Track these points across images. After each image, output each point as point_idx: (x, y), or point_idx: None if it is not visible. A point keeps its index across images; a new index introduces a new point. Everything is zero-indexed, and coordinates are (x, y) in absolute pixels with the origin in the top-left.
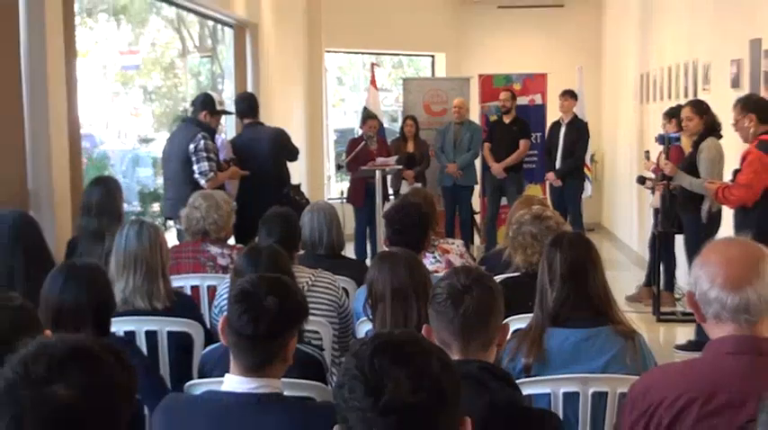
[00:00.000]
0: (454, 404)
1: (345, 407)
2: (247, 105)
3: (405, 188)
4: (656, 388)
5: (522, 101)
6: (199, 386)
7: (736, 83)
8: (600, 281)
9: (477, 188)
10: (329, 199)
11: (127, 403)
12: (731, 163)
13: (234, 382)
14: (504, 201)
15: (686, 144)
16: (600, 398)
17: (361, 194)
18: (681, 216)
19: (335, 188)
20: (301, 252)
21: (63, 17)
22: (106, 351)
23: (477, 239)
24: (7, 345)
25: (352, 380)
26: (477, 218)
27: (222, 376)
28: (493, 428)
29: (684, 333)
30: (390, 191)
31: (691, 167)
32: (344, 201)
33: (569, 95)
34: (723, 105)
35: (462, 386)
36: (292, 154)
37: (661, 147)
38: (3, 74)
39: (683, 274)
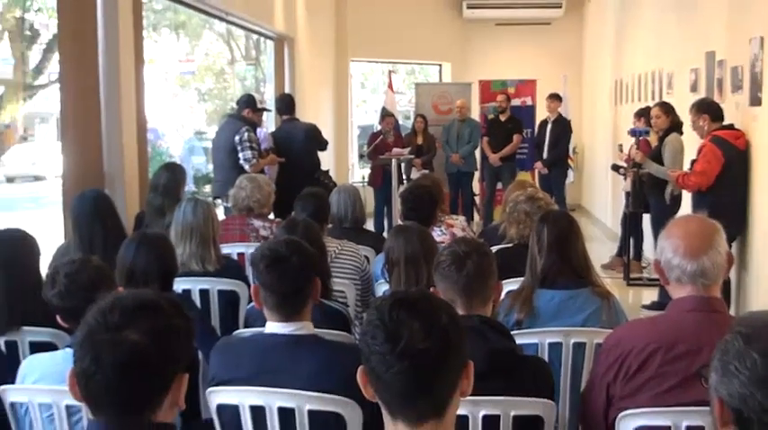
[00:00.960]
0: (459, 350)
1: (368, 351)
2: (285, 104)
3: (415, 174)
4: (626, 339)
5: (515, 102)
6: (245, 334)
7: (694, 88)
8: (580, 251)
9: (477, 174)
10: (353, 182)
11: (185, 347)
12: (690, 155)
13: (275, 327)
14: (499, 185)
15: (653, 138)
16: (579, 348)
17: (380, 178)
18: (648, 198)
19: (358, 173)
20: (330, 226)
21: (133, 32)
22: (169, 304)
23: (476, 217)
24: (88, 299)
25: (375, 329)
26: (477, 199)
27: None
28: (491, 372)
29: (649, 295)
30: (404, 176)
31: (657, 157)
32: (366, 184)
33: (555, 98)
34: (684, 107)
35: (466, 336)
36: (322, 145)
37: (632, 141)
38: (84, 79)
39: (649, 247)
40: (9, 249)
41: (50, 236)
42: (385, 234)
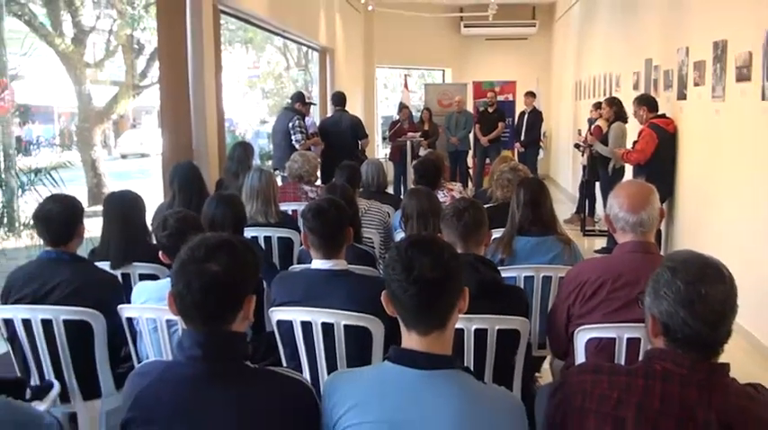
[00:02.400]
0: (458, 279)
1: (390, 279)
2: (338, 98)
3: (423, 152)
4: (583, 272)
5: (500, 98)
6: (297, 269)
7: (636, 86)
8: (549, 208)
9: (470, 152)
10: (378, 158)
11: (253, 276)
12: (632, 137)
13: (318, 264)
14: (487, 160)
15: (603, 125)
16: (547, 280)
17: (398, 155)
18: (598, 170)
19: (382, 151)
20: (361, 189)
21: (213, 46)
22: (241, 243)
23: (470, 184)
24: (182, 239)
25: (395, 262)
26: (470, 171)
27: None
28: (482, 296)
29: (600, 242)
30: (415, 153)
31: (605, 140)
32: (387, 159)
33: (530, 95)
34: (628, 101)
35: (463, 268)
36: (363, 134)
37: (588, 127)
38: (177, 81)
39: (600, 206)
40: (124, 206)
41: (153, 197)
42: (401, 196)
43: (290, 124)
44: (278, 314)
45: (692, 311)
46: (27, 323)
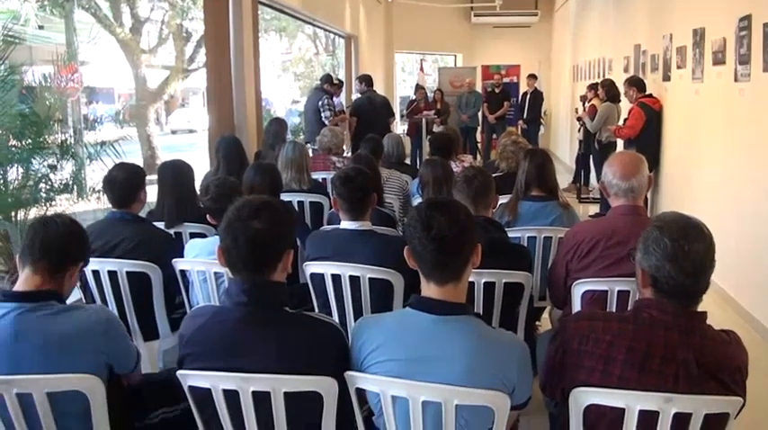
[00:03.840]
0: (471, 236)
1: (411, 236)
2: (367, 80)
3: (436, 128)
4: (579, 232)
5: (506, 80)
6: (327, 229)
7: (626, 69)
8: (552, 174)
9: (479, 128)
10: (397, 133)
11: (290, 233)
12: (623, 115)
13: (346, 224)
14: (494, 136)
15: (597, 104)
16: (547, 240)
17: (414, 131)
18: (592, 144)
19: (400, 127)
20: (382, 160)
21: (252, 34)
22: (280, 204)
23: (478, 157)
24: (228, 203)
25: (416, 221)
26: (479, 145)
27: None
28: (490, 253)
29: (594, 208)
30: (429, 129)
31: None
32: (405, 134)
33: (532, 77)
34: (620, 82)
35: (476, 227)
36: (390, 112)
37: (582, 105)
38: (221, 65)
39: (593, 177)
40: (177, 173)
41: (199, 167)
42: (418, 167)
43: (320, 102)
44: (311, 268)
45: (676, 265)
46: (96, 274)
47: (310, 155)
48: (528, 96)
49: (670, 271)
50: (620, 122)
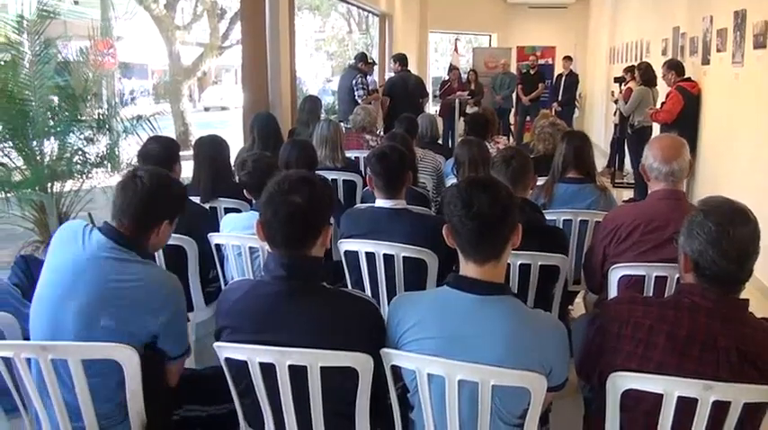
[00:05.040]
0: (513, 216)
1: (451, 214)
2: (401, 59)
3: (469, 109)
4: (618, 217)
5: (541, 61)
6: (362, 207)
7: (664, 52)
8: (590, 157)
9: (513, 110)
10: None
11: (329, 208)
12: (661, 98)
13: (381, 202)
14: (527, 118)
15: (633, 87)
16: (583, 224)
17: (447, 111)
18: (627, 128)
19: (432, 108)
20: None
21: (288, 11)
22: (318, 179)
23: (511, 139)
24: (264, 178)
25: (456, 199)
26: (512, 127)
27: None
28: (527, 235)
29: (627, 193)
30: (462, 110)
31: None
32: (438, 114)
33: (568, 59)
34: (657, 65)
35: (517, 206)
36: (423, 92)
37: (619, 87)
38: (256, 43)
39: (628, 161)
40: (213, 148)
41: (232, 144)
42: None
43: (354, 81)
44: (345, 245)
45: (720, 250)
46: None
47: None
48: (563, 78)
49: (713, 256)
50: (657, 106)
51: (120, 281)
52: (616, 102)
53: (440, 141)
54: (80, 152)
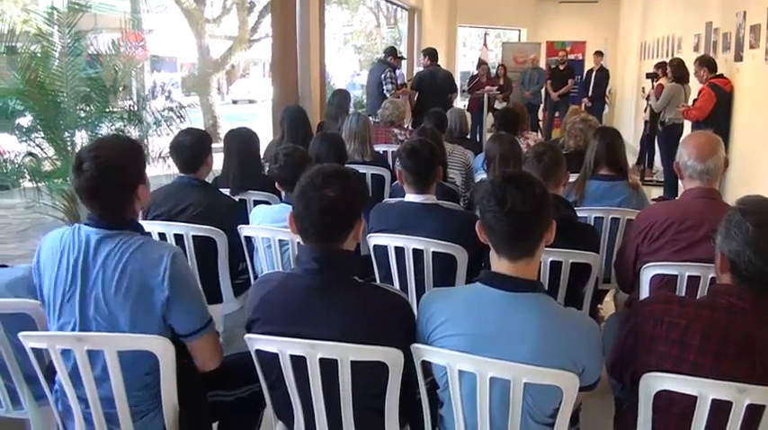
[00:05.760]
0: (546, 212)
1: (484, 210)
2: (431, 54)
3: (498, 104)
4: (651, 215)
5: (570, 57)
6: (391, 201)
7: (696, 48)
8: (622, 154)
9: (541, 106)
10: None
11: (362, 201)
12: (692, 95)
13: (411, 197)
14: (556, 114)
15: (665, 83)
16: (615, 221)
17: (475, 106)
18: (658, 125)
19: (460, 103)
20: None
21: (318, 5)
22: (351, 172)
23: (539, 135)
24: (295, 171)
25: (489, 195)
26: (540, 123)
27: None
28: (560, 231)
29: (657, 191)
30: (490, 105)
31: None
32: (466, 109)
33: (598, 54)
34: (689, 62)
35: (551, 203)
36: (453, 87)
37: (651, 83)
38: (286, 36)
39: (657, 159)
40: (243, 141)
41: (261, 136)
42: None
43: (383, 75)
44: (374, 239)
45: (757, 250)
46: (162, 236)
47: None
48: (593, 74)
49: (750, 256)
50: (689, 103)
51: (121, 263)
52: (647, 98)
53: (468, 136)
54: None
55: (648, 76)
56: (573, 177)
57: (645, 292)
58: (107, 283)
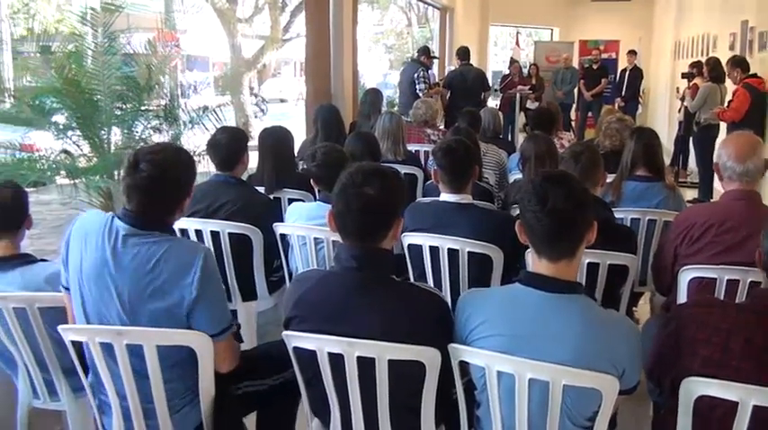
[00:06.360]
0: (587, 212)
1: (524, 209)
2: (464, 53)
3: (529, 104)
4: (691, 217)
5: (604, 56)
6: (425, 200)
7: (732, 47)
8: (659, 154)
9: (574, 106)
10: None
11: (402, 200)
12: (727, 96)
13: (446, 197)
14: (589, 114)
15: (700, 83)
16: (651, 223)
17: (508, 105)
18: (693, 125)
19: (491, 102)
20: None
21: (352, 3)
22: (391, 171)
23: (572, 135)
24: (333, 169)
25: (530, 195)
26: (573, 123)
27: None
28: (598, 232)
29: (691, 193)
30: (522, 105)
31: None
32: (498, 108)
33: (632, 53)
34: (725, 61)
35: (592, 202)
36: (485, 86)
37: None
38: (320, 35)
39: (692, 160)
40: (278, 139)
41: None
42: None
43: (416, 74)
44: (409, 238)
45: None
46: (199, 233)
47: None
48: (627, 73)
49: None
50: (725, 104)
51: (151, 262)
52: (682, 98)
53: (500, 136)
54: (143, 141)
55: (684, 75)
56: (609, 178)
57: (682, 295)
58: (133, 280)
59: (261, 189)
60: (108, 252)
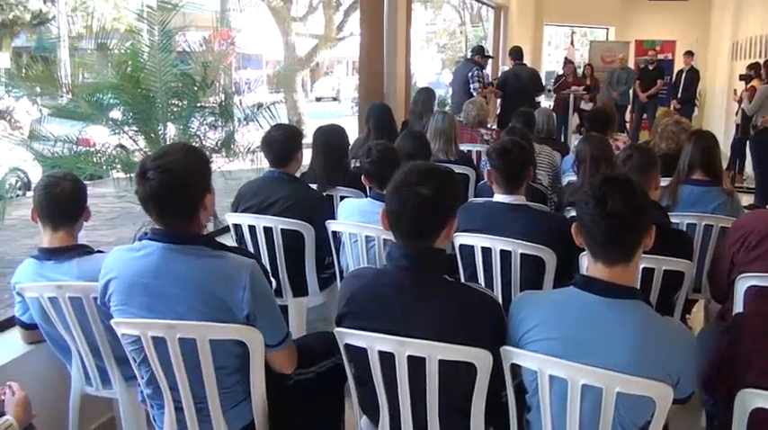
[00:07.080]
0: (646, 215)
1: (582, 212)
2: (517, 52)
3: (583, 104)
4: (749, 223)
5: (660, 56)
6: (478, 201)
7: None
8: (717, 158)
9: (629, 107)
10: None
11: (456, 199)
12: None
13: (500, 197)
14: (644, 116)
15: (757, 85)
16: (708, 228)
17: (561, 106)
18: (750, 129)
19: (544, 103)
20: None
21: (406, 3)
22: (446, 171)
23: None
24: (386, 167)
25: (588, 198)
26: (627, 125)
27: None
28: (654, 237)
29: (747, 199)
30: (576, 105)
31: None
32: (552, 109)
33: (689, 54)
34: None
35: (651, 207)
36: (539, 86)
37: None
38: (374, 34)
39: (749, 164)
40: (332, 137)
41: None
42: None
43: (470, 74)
44: (461, 239)
45: None
46: (252, 228)
47: None
48: (683, 75)
49: None
50: None
51: (193, 280)
52: (739, 101)
53: (554, 137)
54: (198, 137)
55: (742, 77)
56: (664, 181)
57: (739, 304)
58: (180, 302)
59: (313, 186)
60: (151, 280)
